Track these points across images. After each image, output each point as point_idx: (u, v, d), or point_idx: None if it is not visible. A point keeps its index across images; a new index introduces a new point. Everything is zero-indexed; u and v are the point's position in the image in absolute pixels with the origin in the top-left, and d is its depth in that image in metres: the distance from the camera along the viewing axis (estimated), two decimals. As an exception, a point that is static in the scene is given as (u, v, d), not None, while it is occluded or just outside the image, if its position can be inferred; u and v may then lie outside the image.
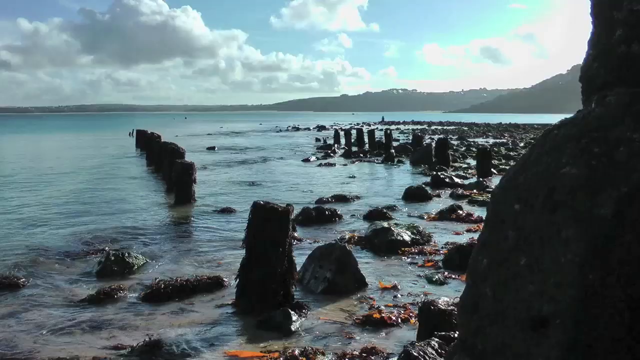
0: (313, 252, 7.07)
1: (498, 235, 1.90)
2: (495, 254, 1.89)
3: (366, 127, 68.31)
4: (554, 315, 1.58)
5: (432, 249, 8.43)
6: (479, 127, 76.47)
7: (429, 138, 43.23)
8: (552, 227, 1.66)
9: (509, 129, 68.17)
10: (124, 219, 11.53)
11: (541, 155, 1.85)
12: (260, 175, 19.97)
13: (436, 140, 26.07)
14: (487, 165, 18.54)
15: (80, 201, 13.81)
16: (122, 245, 9.08)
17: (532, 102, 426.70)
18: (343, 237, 9.44)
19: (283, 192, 15.46)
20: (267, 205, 5.71)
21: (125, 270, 7.56)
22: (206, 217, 11.82)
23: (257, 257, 5.70)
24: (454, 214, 11.14)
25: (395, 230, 8.92)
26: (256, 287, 5.71)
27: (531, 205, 1.78)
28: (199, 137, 49.89)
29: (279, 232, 5.69)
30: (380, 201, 13.66)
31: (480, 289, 1.90)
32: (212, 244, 9.33)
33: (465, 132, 58.00)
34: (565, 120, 1.88)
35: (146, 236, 9.91)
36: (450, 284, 6.77)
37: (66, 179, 18.78)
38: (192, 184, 13.46)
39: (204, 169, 21.19)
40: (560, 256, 1.61)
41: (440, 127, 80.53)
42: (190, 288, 6.56)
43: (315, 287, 6.50)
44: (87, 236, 9.86)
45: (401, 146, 30.87)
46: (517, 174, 1.92)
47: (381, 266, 7.74)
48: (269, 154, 30.56)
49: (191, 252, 8.73)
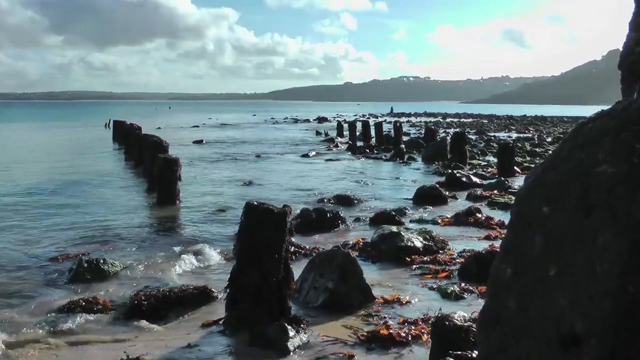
0: (312, 259, 7.07)
1: (523, 241, 1.90)
2: (520, 261, 1.89)
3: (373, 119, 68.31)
4: (588, 333, 1.58)
5: (447, 258, 8.42)
6: (500, 119, 76.52)
7: (444, 132, 43.19)
8: (586, 232, 1.66)
9: (535, 122, 68.25)
10: (99, 221, 11.53)
11: (574, 151, 1.84)
12: (253, 172, 19.98)
13: (452, 134, 26.04)
14: (510, 162, 18.54)
15: (48, 202, 13.81)
16: (96, 250, 9.08)
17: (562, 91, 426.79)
18: (346, 242, 9.44)
19: (279, 192, 15.46)
20: (261, 207, 5.71)
21: (100, 279, 7.56)
22: (192, 220, 11.82)
23: (250, 265, 5.70)
24: (471, 217, 11.12)
25: (405, 235, 8.92)
26: (248, 299, 5.71)
27: (562, 206, 1.77)
28: (184, 129, 49.89)
29: (274, 237, 5.68)
30: (388, 203, 13.67)
31: (503, 301, 1.89)
32: (198, 248, 9.30)
33: (484, 126, 58.02)
34: (601, 112, 1.88)
35: (124, 240, 9.91)
36: (467, 297, 6.76)
37: (31, 176, 18.78)
38: (176, 182, 13.46)
39: (190, 165, 21.19)
40: (596, 265, 1.60)
41: (457, 119, 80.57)
42: (174, 299, 6.55)
43: (315, 299, 6.50)
44: (57, 241, 9.86)
45: (412, 141, 30.85)
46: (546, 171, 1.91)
47: (389, 276, 7.73)
48: (263, 148, 30.57)
49: (175, 258, 8.72)
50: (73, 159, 24.11)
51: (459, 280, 7.41)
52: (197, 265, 8.39)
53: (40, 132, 46.82)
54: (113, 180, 18.19)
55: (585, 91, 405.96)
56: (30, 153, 27.19)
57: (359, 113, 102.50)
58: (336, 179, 18.34)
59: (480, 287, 6.73)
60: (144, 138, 18.79)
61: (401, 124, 33.96)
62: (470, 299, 6.69)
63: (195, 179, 17.91)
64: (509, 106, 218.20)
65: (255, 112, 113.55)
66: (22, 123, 63.78)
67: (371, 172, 20.60)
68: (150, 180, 15.32)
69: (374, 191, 15.67)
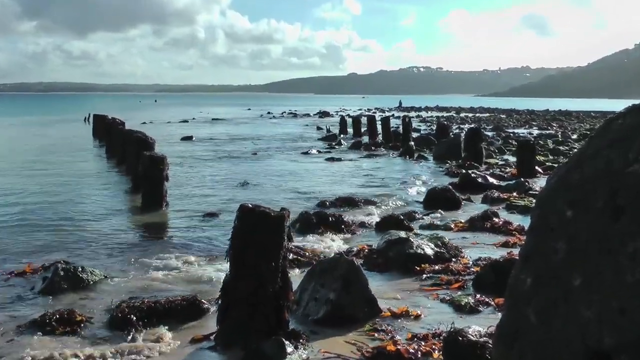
0: (313, 268, 7.08)
1: (545, 248, 1.90)
2: (541, 270, 1.89)
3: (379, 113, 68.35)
4: (617, 349, 1.58)
5: (461, 266, 8.43)
6: (520, 114, 76.59)
7: (457, 128, 43.21)
8: (615, 238, 1.66)
9: (558, 117, 68.31)
10: (77, 226, 11.54)
11: (601, 150, 1.85)
12: (248, 172, 20.01)
13: (466, 130, 26.02)
14: (530, 162, 18.53)
15: (22, 205, 13.80)
16: (74, 257, 9.09)
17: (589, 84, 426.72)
18: (350, 249, 9.46)
19: (277, 193, 15.50)
20: (256, 209, 5.72)
21: (78, 289, 7.57)
22: (181, 224, 11.85)
23: (244, 274, 5.71)
24: (488, 222, 11.15)
25: (415, 241, 8.93)
26: (242, 311, 5.72)
27: (588, 210, 1.78)
28: (172, 125, 49.90)
29: (271, 243, 5.69)
30: (396, 205, 13.68)
31: (522, 313, 1.90)
32: (187, 256, 9.33)
33: (502, 121, 58.08)
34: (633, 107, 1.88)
35: (105, 247, 9.93)
36: (482, 310, 6.77)
37: (2, 176, 18.78)
38: (163, 182, 13.47)
39: (179, 164, 21.21)
40: (626, 274, 1.60)
41: (471, 114, 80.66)
42: (160, 311, 6.56)
43: (315, 311, 6.51)
44: (29, 248, 9.88)
45: (422, 138, 30.90)
46: (571, 172, 1.92)
47: (397, 286, 7.75)
48: (259, 146, 30.64)
49: (161, 266, 8.75)
50: (47, 158, 24.08)
51: (473, 291, 7.41)
52: (186, 274, 8.39)
53: (11, 127, 46.80)
54: (92, 180, 18.20)
55: (615, 83, 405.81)
56: (3, 153, 27.16)
57: (364, 107, 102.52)
58: (339, 179, 18.38)
59: (498, 299, 6.73)
60: (127, 134, 18.82)
61: (410, 119, 34.04)
62: (486, 312, 6.69)
63: (185, 179, 17.94)
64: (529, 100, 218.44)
65: (250, 105, 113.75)
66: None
67: (378, 171, 20.61)
68: (134, 180, 15.33)
69: (381, 193, 15.68)
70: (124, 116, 34.94)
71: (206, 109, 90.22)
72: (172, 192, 14.44)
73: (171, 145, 28.72)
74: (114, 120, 27.51)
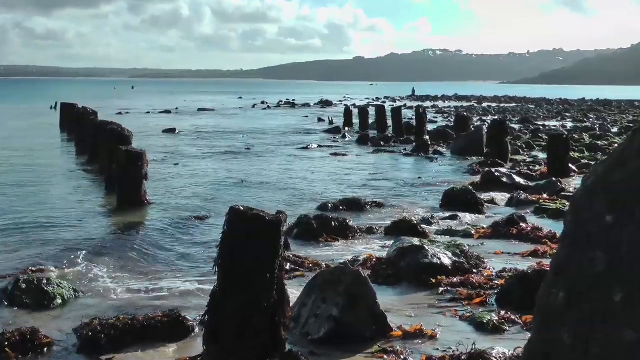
0: (313, 280, 7.09)
1: (581, 258, 1.89)
2: (576, 284, 1.88)
3: (389, 103, 68.35)
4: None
5: (483, 279, 8.45)
6: (552, 104, 76.60)
7: (479, 120, 43.22)
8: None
9: (596, 107, 68.30)
10: (42, 232, 11.55)
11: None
12: (240, 170, 20.08)
13: (489, 122, 26.02)
14: (563, 159, 18.54)
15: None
16: (38, 268, 9.07)
17: (632, 69, 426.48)
18: (356, 258, 9.48)
19: (272, 194, 15.56)
20: (249, 213, 5.73)
21: (43, 303, 7.56)
22: (162, 229, 11.88)
23: (235, 287, 5.71)
24: (514, 228, 11.17)
25: (430, 250, 8.94)
26: (232, 330, 5.72)
27: (631, 215, 1.77)
28: (152, 115, 50.01)
29: (265, 251, 5.70)
30: (408, 208, 13.67)
31: (554, 333, 1.89)
32: (170, 266, 9.36)
33: (531, 112, 58.09)
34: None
35: (74, 256, 9.90)
36: (508, 329, 6.78)
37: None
38: (142, 182, 13.49)
39: (160, 161, 21.23)
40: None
41: (496, 104, 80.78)
42: (138, 330, 6.56)
43: (316, 330, 6.52)
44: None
45: (439, 131, 30.97)
46: (611, 170, 1.91)
47: (409, 301, 7.76)
48: (252, 139, 30.70)
49: (139, 277, 8.76)
50: (5, 153, 24.01)
51: (497, 307, 7.43)
52: (168, 287, 8.40)
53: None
54: (60, 179, 18.24)
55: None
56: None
57: (372, 96, 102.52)
58: (343, 179, 18.41)
59: (525, 317, 6.75)
60: (100, 126, 18.83)
61: (425, 109, 34.06)
62: (512, 332, 6.71)
63: (167, 178, 17.94)
64: (563, 87, 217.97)
65: (241, 94, 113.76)
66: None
67: (387, 169, 20.65)
68: (109, 179, 15.34)
69: (391, 194, 15.70)
70: (96, 105, 34.93)
71: (191, 98, 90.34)
72: (153, 192, 14.43)
73: (151, 139, 28.80)
74: (85, 110, 27.51)
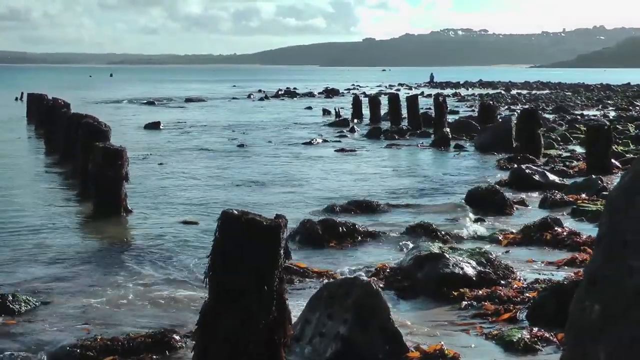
0: (318, 293, 7.09)
1: (617, 266, 1.88)
2: (612, 296, 1.87)
3: (405, 91, 68.20)
4: None
5: (512, 291, 8.40)
6: (592, 91, 76.24)
7: (507, 109, 43.06)
8: None
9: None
10: (9, 241, 11.51)
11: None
12: (234, 168, 20.07)
13: (519, 112, 25.90)
14: (605, 153, 18.46)
15: None
16: (3, 283, 9.09)
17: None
18: (367, 267, 9.46)
19: (271, 196, 15.52)
20: (244, 217, 5.72)
21: (8, 323, 7.56)
22: (145, 236, 11.89)
23: (228, 301, 5.71)
24: (548, 233, 11.11)
25: (452, 258, 8.92)
26: (225, 349, 5.73)
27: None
28: (132, 107, 50.05)
29: (263, 260, 5.70)
30: (426, 210, 13.62)
31: (589, 352, 1.88)
32: (154, 278, 9.35)
33: (567, 100, 57.81)
34: None
35: (45, 268, 9.94)
36: (541, 349, 6.76)
37: None
38: (121, 183, 13.48)
39: (142, 159, 21.22)
40: None
41: (526, 91, 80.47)
42: (119, 351, 6.57)
43: (321, 350, 6.52)
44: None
45: (461, 122, 30.90)
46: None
47: (428, 317, 7.76)
48: (247, 134, 30.64)
49: (120, 292, 8.74)
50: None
51: (529, 323, 7.41)
52: (152, 302, 8.40)
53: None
54: (27, 182, 18.17)
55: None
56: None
57: (385, 83, 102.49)
58: (352, 177, 18.38)
59: (561, 334, 6.73)
60: (73, 119, 18.83)
61: (445, 97, 33.94)
62: (546, 352, 6.70)
63: (151, 178, 17.91)
64: (604, 71, 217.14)
65: (235, 81, 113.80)
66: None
67: (402, 166, 20.61)
68: (84, 181, 15.33)
69: (407, 194, 15.68)
70: (68, 96, 35.00)
71: (178, 86, 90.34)
72: (134, 196, 14.42)
73: (132, 134, 28.80)
74: (56, 101, 27.52)
